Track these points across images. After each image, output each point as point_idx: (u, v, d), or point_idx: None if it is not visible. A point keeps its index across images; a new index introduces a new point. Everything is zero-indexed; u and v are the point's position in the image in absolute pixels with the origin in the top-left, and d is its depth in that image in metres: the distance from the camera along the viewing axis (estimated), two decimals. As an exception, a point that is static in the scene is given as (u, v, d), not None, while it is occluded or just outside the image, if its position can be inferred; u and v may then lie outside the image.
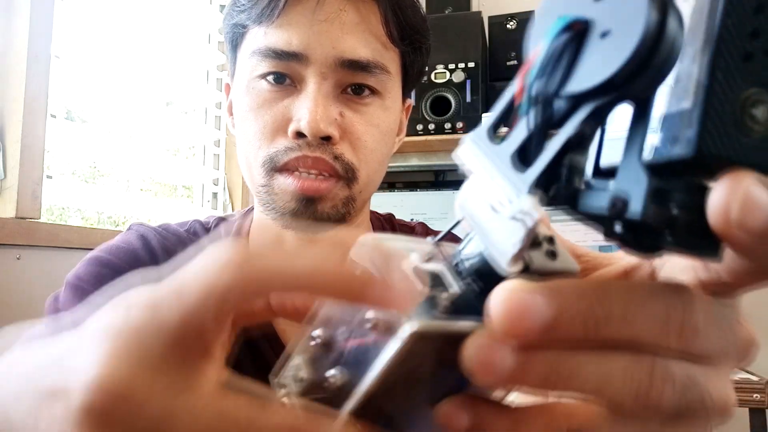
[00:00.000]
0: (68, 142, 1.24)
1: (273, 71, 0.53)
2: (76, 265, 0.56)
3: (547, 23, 0.16)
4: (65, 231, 1.11)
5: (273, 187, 0.53)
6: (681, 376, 0.18)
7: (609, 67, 0.14)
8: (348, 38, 0.52)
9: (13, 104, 1.03)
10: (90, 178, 1.43)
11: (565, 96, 0.16)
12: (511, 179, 0.17)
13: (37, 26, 1.05)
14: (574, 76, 0.15)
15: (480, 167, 0.17)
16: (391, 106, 0.57)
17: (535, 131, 0.16)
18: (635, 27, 0.14)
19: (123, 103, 1.43)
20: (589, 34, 0.15)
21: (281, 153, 0.52)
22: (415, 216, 1.72)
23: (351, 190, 0.54)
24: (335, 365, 0.20)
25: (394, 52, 0.56)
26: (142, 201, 1.56)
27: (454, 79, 1.58)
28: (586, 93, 0.15)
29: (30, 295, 1.01)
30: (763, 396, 1.10)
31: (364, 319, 0.19)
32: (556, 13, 0.16)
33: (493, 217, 0.17)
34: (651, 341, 0.17)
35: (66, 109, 1.26)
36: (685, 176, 0.16)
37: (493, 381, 0.17)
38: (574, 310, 0.16)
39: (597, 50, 0.15)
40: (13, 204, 1.01)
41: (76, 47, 1.25)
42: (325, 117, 0.51)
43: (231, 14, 0.56)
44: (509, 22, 1.75)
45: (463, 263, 0.20)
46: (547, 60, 0.16)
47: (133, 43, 1.43)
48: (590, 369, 0.17)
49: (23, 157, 1.02)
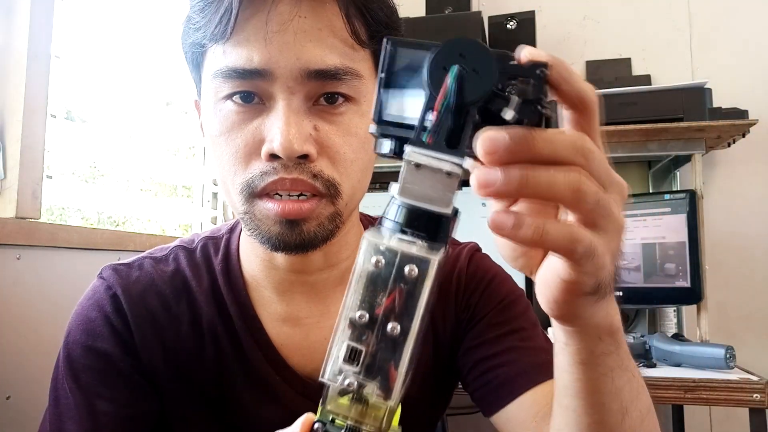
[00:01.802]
0: (68, 142, 1.24)
1: (238, 91, 0.50)
2: (68, 329, 0.58)
3: (441, 69, 0.28)
4: (65, 231, 1.11)
5: (255, 214, 0.51)
6: (593, 185, 0.29)
7: (484, 88, 0.28)
8: (311, 47, 0.48)
9: (13, 104, 1.03)
10: (90, 178, 1.43)
11: (464, 104, 0.28)
12: (450, 154, 0.28)
13: (37, 26, 1.05)
14: (467, 94, 0.28)
15: (426, 158, 0.28)
16: (368, 111, 0.53)
17: (454, 125, 0.28)
18: (489, 69, 0.28)
19: (123, 103, 1.43)
20: (466, 74, 0.28)
21: (257, 178, 0.50)
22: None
23: (336, 206, 0.52)
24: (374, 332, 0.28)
25: (364, 52, 0.52)
26: (142, 201, 1.56)
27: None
28: (475, 101, 0.28)
29: (30, 295, 1.01)
30: (763, 396, 1.10)
31: (405, 274, 0.27)
32: (446, 64, 0.28)
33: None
34: (566, 158, 0.29)
35: (66, 109, 1.26)
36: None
37: (493, 193, 0.28)
38: (519, 137, 0.27)
39: (473, 81, 0.28)
40: (13, 204, 1.01)
41: (76, 47, 1.25)
42: (299, 135, 0.48)
43: (186, 33, 0.53)
44: (509, 22, 1.75)
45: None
46: (453, 89, 0.28)
47: (133, 43, 1.43)
48: (542, 176, 0.28)
49: (23, 157, 1.02)
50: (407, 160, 0.28)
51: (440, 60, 0.28)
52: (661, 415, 1.77)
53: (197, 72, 0.55)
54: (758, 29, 1.80)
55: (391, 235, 0.28)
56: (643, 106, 1.52)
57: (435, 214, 0.28)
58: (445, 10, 1.80)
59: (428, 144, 0.28)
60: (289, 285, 0.59)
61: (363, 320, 0.28)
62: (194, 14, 0.51)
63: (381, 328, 0.28)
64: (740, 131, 1.52)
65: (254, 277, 0.60)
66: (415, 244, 0.28)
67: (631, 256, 1.54)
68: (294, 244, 0.51)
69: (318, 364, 0.59)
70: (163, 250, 0.63)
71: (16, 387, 0.97)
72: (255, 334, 0.59)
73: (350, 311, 0.28)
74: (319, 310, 0.60)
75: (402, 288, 0.27)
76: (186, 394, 0.58)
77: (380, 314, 0.28)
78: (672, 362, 1.25)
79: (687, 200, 1.47)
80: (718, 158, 1.78)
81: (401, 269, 0.27)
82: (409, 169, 0.28)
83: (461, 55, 0.28)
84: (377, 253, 0.28)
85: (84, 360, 0.56)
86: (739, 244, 1.75)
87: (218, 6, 0.49)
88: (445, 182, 0.28)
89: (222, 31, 0.48)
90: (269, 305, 0.60)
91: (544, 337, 0.65)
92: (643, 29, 1.88)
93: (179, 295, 0.59)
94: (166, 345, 0.58)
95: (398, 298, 0.28)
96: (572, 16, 1.94)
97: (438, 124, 0.28)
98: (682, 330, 1.66)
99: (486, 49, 0.28)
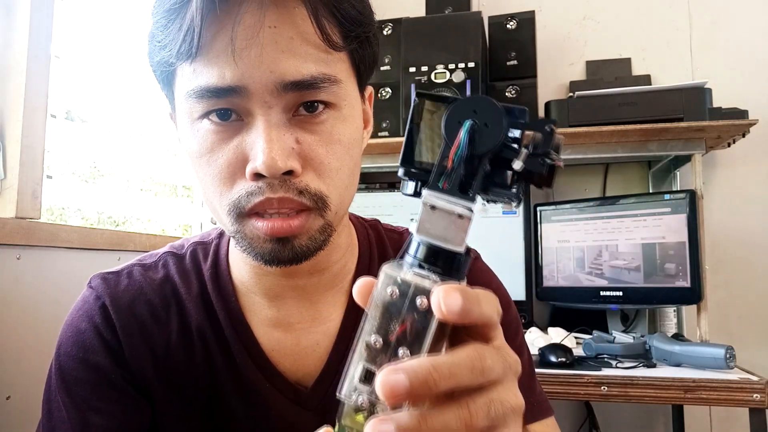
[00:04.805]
0: (68, 142, 1.24)
1: (214, 109, 0.48)
2: (59, 341, 0.58)
3: (456, 123, 0.32)
4: (65, 231, 1.11)
5: (245, 233, 0.50)
6: (484, 406, 0.30)
7: (493, 141, 0.31)
8: (285, 57, 0.46)
9: (13, 104, 1.03)
10: (90, 178, 1.43)
11: (476, 155, 0.32)
12: (462, 198, 0.32)
13: (37, 26, 1.05)
14: (477, 146, 0.31)
15: (441, 201, 0.31)
16: (349, 114, 0.52)
17: (466, 173, 0.32)
18: (499, 124, 0.31)
19: (123, 103, 1.43)
20: (478, 128, 0.31)
21: (243, 198, 0.48)
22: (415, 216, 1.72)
23: (325, 218, 0.51)
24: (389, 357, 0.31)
25: (339, 55, 0.50)
26: (142, 201, 1.56)
27: (454, 79, 1.58)
28: (485, 152, 0.32)
29: (30, 295, 1.01)
30: (763, 396, 1.10)
31: (417, 306, 0.30)
32: (460, 118, 0.32)
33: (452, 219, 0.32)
34: (468, 384, 0.30)
35: (66, 109, 1.26)
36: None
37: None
38: (419, 380, 0.28)
39: (484, 134, 0.31)
40: (13, 204, 1.01)
41: (76, 47, 1.25)
42: (281, 151, 0.46)
43: (152, 51, 0.51)
44: (509, 22, 1.74)
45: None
46: (466, 139, 0.31)
47: (134, 43, 1.43)
48: (436, 422, 0.29)
49: (23, 157, 1.02)
50: (424, 202, 0.31)
51: (455, 114, 0.32)
52: (661, 415, 1.77)
53: (169, 89, 0.53)
54: (758, 29, 1.80)
55: (408, 269, 0.31)
56: (643, 106, 1.52)
57: (449, 251, 0.31)
58: (445, 10, 1.80)
59: (443, 189, 0.32)
60: (279, 290, 0.59)
61: (377, 345, 0.31)
62: (157, 31, 0.49)
63: (393, 353, 0.30)
64: (740, 131, 1.52)
65: (244, 283, 0.60)
66: (428, 279, 0.31)
67: (631, 256, 1.54)
68: (287, 259, 0.50)
69: (308, 369, 0.60)
70: (153, 257, 0.63)
71: (16, 387, 0.97)
72: (244, 340, 0.58)
73: (367, 335, 0.31)
74: (310, 314, 0.60)
75: (414, 317, 0.30)
76: (177, 403, 0.58)
77: (393, 340, 0.30)
78: (672, 362, 1.25)
79: (687, 200, 1.47)
80: (718, 158, 1.78)
81: (414, 300, 0.30)
82: (425, 210, 0.31)
83: (474, 111, 0.31)
84: (393, 285, 0.31)
85: (76, 373, 0.56)
86: (739, 244, 1.75)
87: (180, 23, 0.46)
88: (458, 223, 0.31)
89: (188, 49, 0.46)
90: (259, 311, 0.59)
91: (529, 363, 0.68)
92: (643, 29, 1.88)
93: (168, 302, 0.59)
94: (155, 354, 0.57)
95: (410, 327, 0.30)
96: (572, 16, 1.94)
97: (451, 172, 0.32)
98: (682, 330, 1.66)
99: (497, 106, 0.31)
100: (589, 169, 1.88)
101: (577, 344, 1.49)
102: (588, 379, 1.18)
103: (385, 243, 0.67)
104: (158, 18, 0.49)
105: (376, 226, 0.69)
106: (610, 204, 1.60)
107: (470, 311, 0.29)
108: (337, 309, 0.61)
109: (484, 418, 0.30)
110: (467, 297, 0.29)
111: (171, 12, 0.47)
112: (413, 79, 1.62)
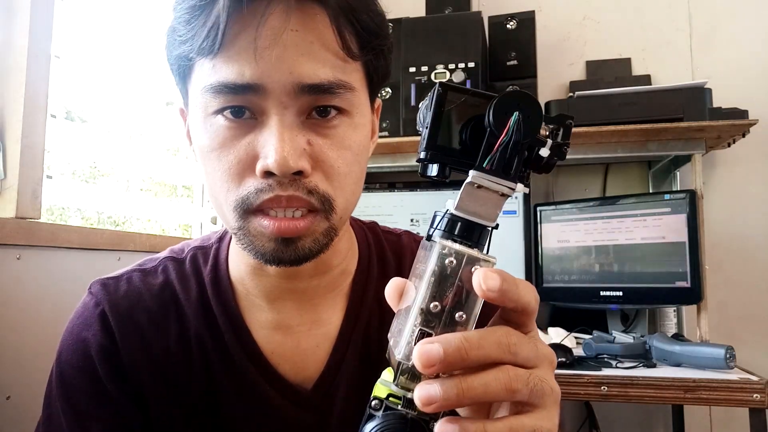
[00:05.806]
0: (68, 142, 1.24)
1: (229, 106, 0.49)
2: (60, 348, 0.58)
3: (502, 113, 0.35)
4: (65, 231, 1.11)
5: (249, 230, 0.50)
6: (524, 374, 0.33)
7: (533, 131, 0.35)
8: (304, 60, 0.47)
9: (13, 104, 1.03)
10: (90, 178, 1.43)
11: (519, 141, 0.35)
12: (505, 179, 0.35)
13: (37, 26, 1.05)
14: (523, 135, 0.35)
15: (487, 181, 0.35)
16: (360, 122, 0.53)
17: (510, 157, 0.35)
18: (538, 116, 0.36)
19: (123, 103, 1.43)
20: (523, 118, 0.35)
21: (252, 195, 0.49)
22: (415, 216, 1.72)
23: (330, 221, 0.51)
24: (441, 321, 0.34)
25: (355, 64, 0.52)
26: (142, 201, 1.56)
27: (454, 79, 1.58)
28: (527, 140, 0.35)
29: (30, 295, 1.01)
30: (763, 396, 1.10)
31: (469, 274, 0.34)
32: (507, 110, 0.35)
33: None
34: (497, 358, 0.33)
35: (66, 109, 1.27)
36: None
37: (436, 408, 0.32)
38: (452, 350, 0.31)
39: (526, 125, 0.35)
40: (13, 204, 1.01)
41: (76, 47, 1.25)
42: (293, 151, 0.47)
43: (172, 44, 0.52)
44: (509, 22, 1.75)
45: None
46: (514, 128, 0.35)
47: (133, 43, 1.43)
48: (476, 384, 0.32)
49: (23, 157, 1.02)
50: (470, 182, 0.35)
51: (501, 106, 0.36)
52: (661, 415, 1.77)
53: (183, 83, 0.54)
54: (758, 29, 1.80)
55: (453, 243, 0.35)
56: (643, 106, 1.52)
57: (481, 226, 0.35)
58: (445, 10, 1.80)
59: (488, 170, 0.35)
60: (279, 292, 0.59)
61: (436, 309, 0.34)
62: (179, 26, 0.50)
63: (449, 316, 0.34)
64: (740, 131, 1.52)
65: (244, 286, 0.60)
66: (471, 249, 0.35)
67: (632, 256, 1.54)
68: (289, 260, 0.51)
69: (309, 371, 0.60)
70: (153, 261, 0.63)
71: (16, 387, 0.97)
72: (244, 343, 0.58)
73: (423, 302, 0.34)
74: (310, 317, 0.60)
75: (468, 285, 0.34)
76: (176, 409, 0.58)
77: (448, 305, 0.34)
78: (672, 362, 1.25)
79: (687, 200, 1.47)
80: (718, 158, 1.78)
81: (466, 269, 0.34)
82: (468, 189, 0.35)
83: (518, 104, 0.35)
84: (450, 255, 0.34)
85: (75, 381, 0.56)
86: (739, 244, 1.75)
87: (205, 19, 0.47)
88: (496, 201, 0.35)
89: (210, 45, 0.47)
90: (259, 313, 0.59)
91: None
92: (643, 29, 1.88)
93: (167, 309, 0.59)
94: (154, 361, 0.57)
95: (465, 293, 0.34)
96: (572, 16, 1.94)
97: (497, 155, 0.35)
98: (682, 330, 1.66)
99: (537, 102, 0.36)
100: (589, 169, 1.88)
101: (577, 344, 1.49)
102: (588, 379, 1.18)
103: (383, 245, 0.67)
104: (181, 13, 0.49)
105: (374, 228, 0.69)
106: (610, 204, 1.60)
107: (508, 291, 0.32)
108: (337, 312, 0.61)
109: (524, 385, 0.32)
110: (506, 279, 0.32)
111: (196, 8, 0.48)
112: (413, 79, 1.62)
